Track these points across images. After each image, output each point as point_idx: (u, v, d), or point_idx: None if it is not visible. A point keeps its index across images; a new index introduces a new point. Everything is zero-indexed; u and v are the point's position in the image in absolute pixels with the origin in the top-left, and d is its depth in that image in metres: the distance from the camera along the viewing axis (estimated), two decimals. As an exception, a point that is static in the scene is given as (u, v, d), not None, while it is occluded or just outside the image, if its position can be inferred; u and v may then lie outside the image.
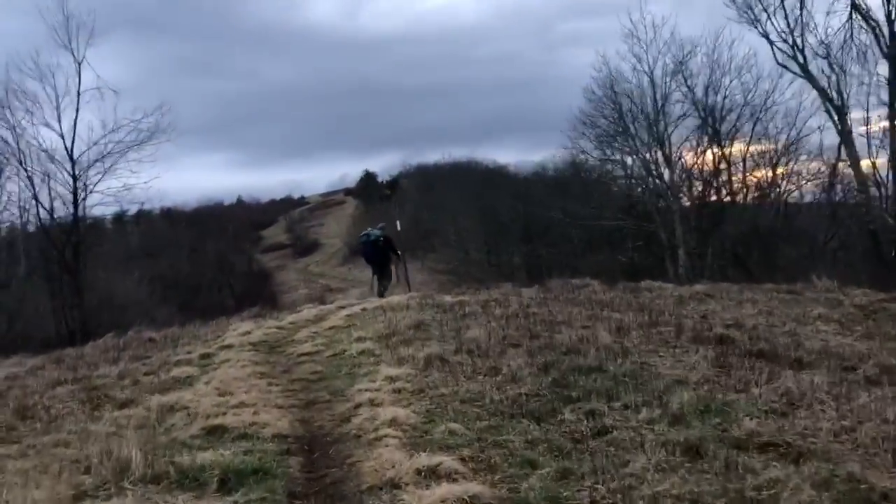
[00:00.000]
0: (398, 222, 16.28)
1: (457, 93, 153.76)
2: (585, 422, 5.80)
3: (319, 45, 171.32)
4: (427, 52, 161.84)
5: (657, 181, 34.01)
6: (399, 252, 17.62)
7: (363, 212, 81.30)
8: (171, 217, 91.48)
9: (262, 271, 71.87)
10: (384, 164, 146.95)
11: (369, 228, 17.30)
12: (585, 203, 39.00)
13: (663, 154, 32.33)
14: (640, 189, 37.86)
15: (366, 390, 7.19)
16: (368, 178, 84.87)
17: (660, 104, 31.92)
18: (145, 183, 22.88)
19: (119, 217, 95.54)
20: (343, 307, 15.77)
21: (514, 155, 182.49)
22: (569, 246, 41.72)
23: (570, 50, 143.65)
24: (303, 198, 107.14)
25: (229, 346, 10.87)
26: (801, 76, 27.69)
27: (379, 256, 17.08)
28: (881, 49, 25.26)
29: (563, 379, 6.93)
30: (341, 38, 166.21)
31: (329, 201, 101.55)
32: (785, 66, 28.15)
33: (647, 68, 32.06)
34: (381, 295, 16.46)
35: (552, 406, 6.15)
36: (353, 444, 5.87)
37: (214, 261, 68.15)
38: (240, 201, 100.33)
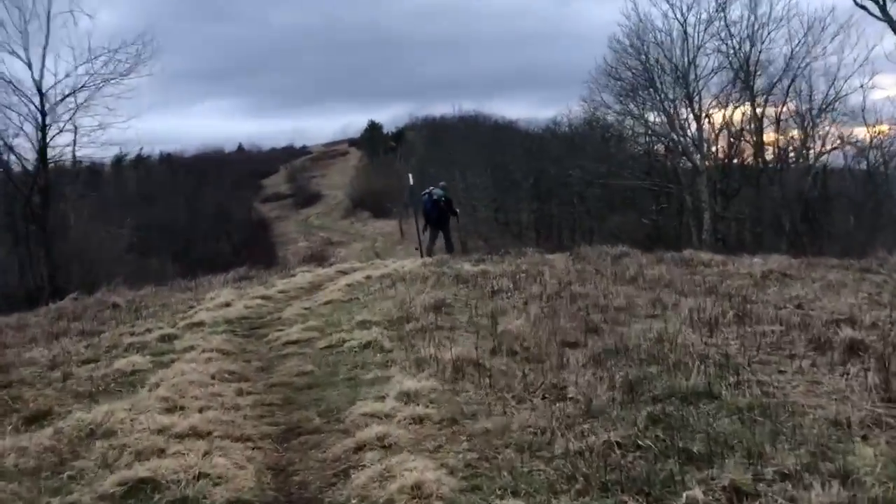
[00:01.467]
0: (410, 176, 13.94)
1: (467, 46, 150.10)
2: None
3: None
4: (438, 3, 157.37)
5: (682, 139, 31.50)
6: (458, 213, 17.06)
7: (367, 163, 78.68)
8: (171, 163, 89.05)
9: (261, 221, 69.53)
10: (390, 116, 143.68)
11: (431, 187, 16.52)
12: (602, 161, 36.59)
13: (692, 110, 29.77)
14: (662, 147, 35.40)
15: (372, 415, 4.95)
16: (373, 128, 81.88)
17: (691, 56, 29.26)
18: (123, 122, 20.14)
19: (118, 161, 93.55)
20: (343, 272, 13.56)
21: (524, 110, 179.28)
22: (583, 206, 39.33)
23: (584, 3, 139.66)
24: (305, 147, 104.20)
25: (199, 325, 8.62)
26: (880, 19, 24.84)
27: (440, 216, 16.40)
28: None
29: (664, 414, 4.67)
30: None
31: (332, 151, 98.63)
32: (864, 7, 25.25)
33: (679, 16, 29.34)
34: (430, 253, 16.00)
35: (667, 472, 3.90)
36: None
37: (213, 209, 65.73)
38: (241, 149, 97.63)
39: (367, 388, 5.69)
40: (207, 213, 65.03)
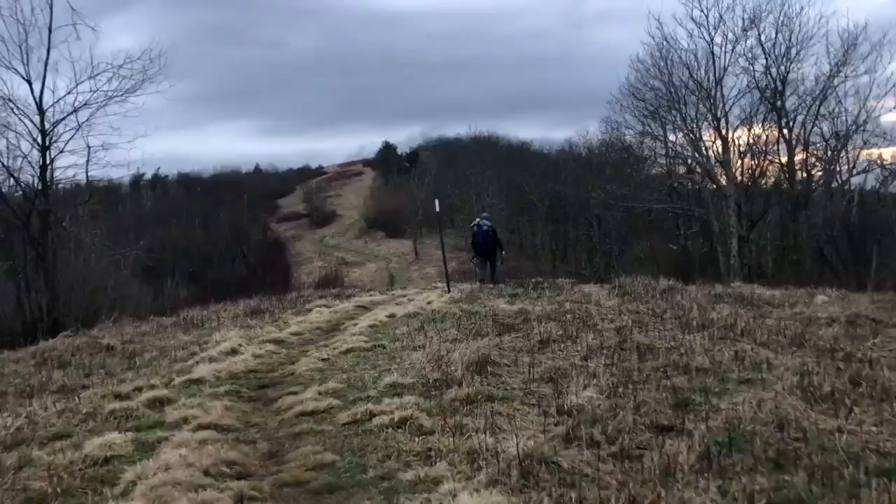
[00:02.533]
0: (437, 202, 12.42)
1: (480, 68, 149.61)
2: None
3: (348, 16, 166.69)
4: (453, 26, 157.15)
5: (706, 161, 29.94)
6: (501, 243, 17.18)
7: (381, 183, 77.54)
8: (188, 183, 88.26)
9: (277, 242, 68.24)
10: (404, 136, 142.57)
11: (478, 219, 16.68)
12: (622, 183, 35.11)
13: (718, 132, 28.21)
14: (684, 169, 33.86)
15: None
16: (388, 149, 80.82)
17: (718, 75, 27.74)
18: (129, 142, 18.62)
19: (136, 181, 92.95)
20: (363, 307, 12.08)
21: (536, 132, 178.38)
22: (602, 229, 37.76)
23: (598, 28, 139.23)
24: (321, 167, 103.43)
25: (198, 383, 7.13)
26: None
27: (490, 246, 16.45)
28: None
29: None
30: (369, 10, 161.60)
31: (347, 172, 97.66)
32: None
33: (706, 35, 27.85)
34: (487, 281, 15.93)
35: None
36: None
37: (229, 230, 64.55)
38: (257, 169, 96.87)
39: (408, 495, 4.17)
40: (224, 234, 63.86)
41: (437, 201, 11.83)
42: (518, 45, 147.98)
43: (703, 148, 29.97)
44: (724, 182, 28.25)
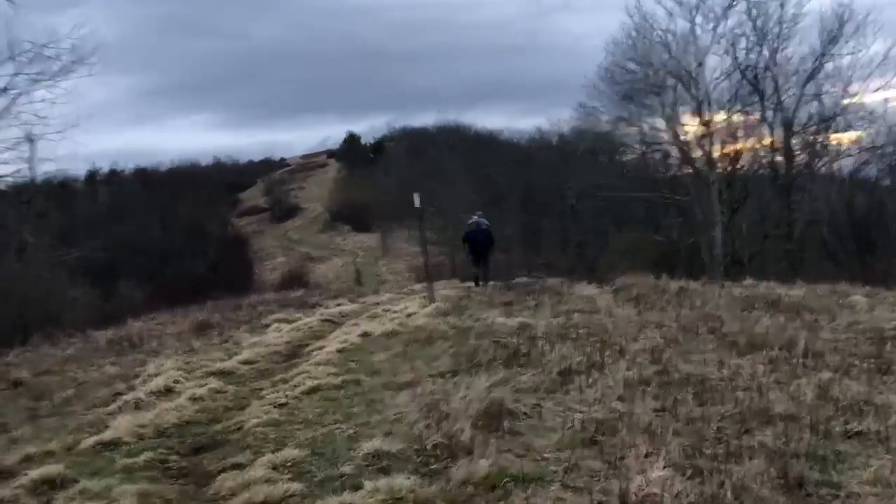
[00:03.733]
0: (417, 197, 10.55)
1: (445, 58, 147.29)
2: None
3: (311, 6, 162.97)
4: (418, 15, 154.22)
5: (686, 146, 28.49)
6: (494, 242, 16.99)
7: (346, 175, 75.27)
8: (145, 178, 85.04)
9: (238, 237, 65.63)
10: (368, 127, 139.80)
11: (475, 216, 16.48)
12: (598, 172, 33.61)
13: (699, 115, 26.73)
14: (660, 155, 32.43)
15: None
16: (352, 140, 78.35)
17: (701, 57, 26.22)
18: (58, 133, 16.23)
19: (91, 177, 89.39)
20: (331, 320, 10.27)
21: (503, 121, 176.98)
22: (577, 220, 36.27)
23: (561, 16, 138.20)
24: (283, 160, 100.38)
25: (112, 446, 5.27)
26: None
27: (487, 245, 16.12)
28: None
29: None
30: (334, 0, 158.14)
31: (310, 163, 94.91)
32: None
33: (687, 14, 26.29)
34: (483, 281, 15.50)
35: None
36: None
37: (188, 225, 61.91)
38: (217, 162, 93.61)
39: None
40: (182, 229, 61.19)
41: (416, 196, 10.03)
42: (483, 34, 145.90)
43: (683, 132, 28.56)
44: (705, 168, 26.81)
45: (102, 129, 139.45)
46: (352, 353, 7.71)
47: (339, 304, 12.15)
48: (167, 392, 6.69)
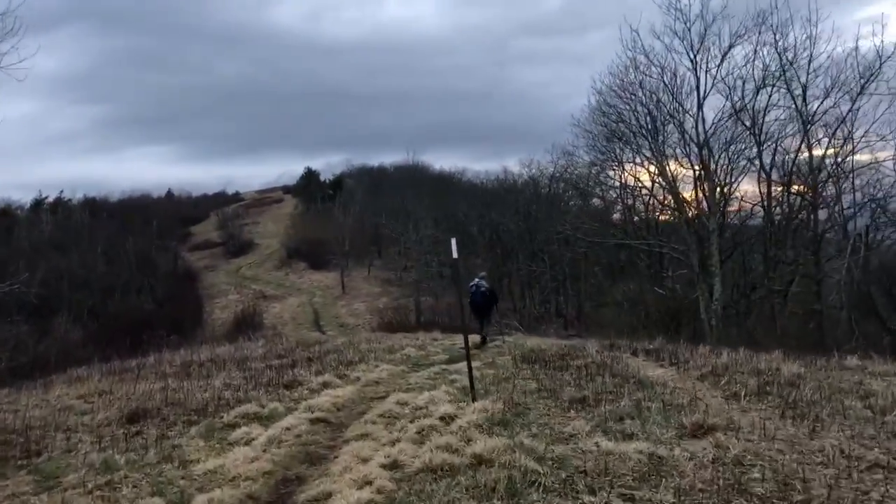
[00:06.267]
0: (454, 242, 7.21)
1: (406, 100, 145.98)
2: None
3: (279, 46, 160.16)
4: (384, 60, 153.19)
5: (677, 191, 25.99)
6: (498, 301, 17.50)
7: (303, 211, 71.59)
8: (94, 208, 79.88)
9: (188, 272, 61.07)
10: (325, 164, 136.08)
11: (476, 279, 16.44)
12: (576, 217, 30.89)
13: (700, 159, 24.21)
14: (645, 201, 29.91)
15: None
16: (310, 175, 74.69)
17: (703, 96, 23.78)
18: None
19: (37, 205, 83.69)
20: (327, 421, 6.92)
21: (461, 164, 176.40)
22: (556, 268, 33.39)
23: (521, 67, 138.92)
24: (237, 193, 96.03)
25: None
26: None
27: (487, 305, 16.24)
28: None
29: None
30: (302, 41, 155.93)
31: (266, 198, 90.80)
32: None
33: (689, 51, 23.86)
34: (484, 339, 15.91)
35: None
36: None
37: (135, 258, 57.23)
38: (169, 194, 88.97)
39: None
40: (129, 263, 56.51)
41: (453, 242, 6.87)
42: (446, 80, 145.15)
43: (672, 177, 26.05)
44: (705, 214, 24.25)
45: (59, 157, 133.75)
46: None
47: (325, 385, 8.75)
48: None
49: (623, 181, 30.15)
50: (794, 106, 23.14)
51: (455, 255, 7.28)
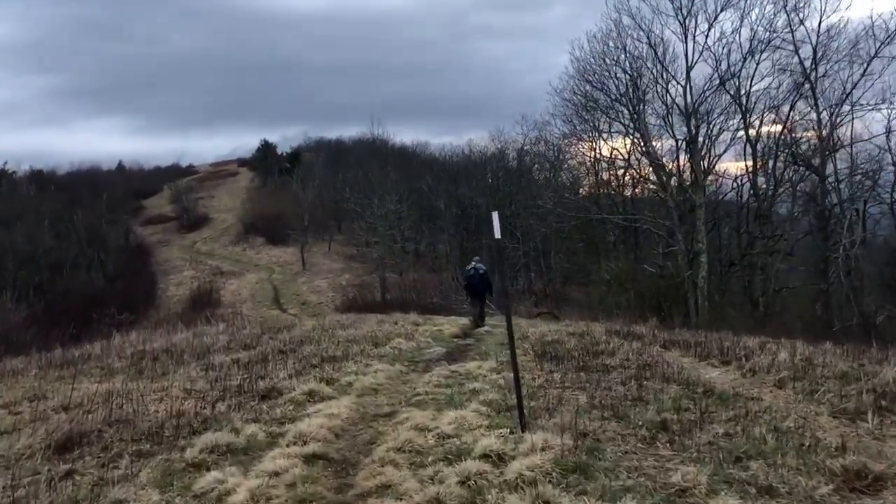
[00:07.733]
0: (495, 215, 5.59)
1: (365, 73, 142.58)
2: None
3: (236, 17, 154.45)
4: (344, 32, 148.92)
5: (661, 168, 24.55)
6: (491, 286, 16.90)
7: (260, 185, 68.73)
8: (40, 181, 75.54)
9: (140, 247, 58.08)
10: (282, 137, 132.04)
11: (473, 262, 16.24)
12: (549, 192, 29.30)
13: (689, 134, 22.77)
14: (628, 176, 28.44)
15: None
16: (267, 148, 71.64)
17: (691, 61, 22.27)
18: None
19: (-21, 177, 78.83)
20: (325, 458, 5.11)
21: (421, 137, 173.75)
22: (528, 244, 31.81)
23: (480, 42, 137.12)
24: (191, 166, 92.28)
25: None
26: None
27: (483, 288, 16.05)
28: None
29: None
30: (261, 11, 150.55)
31: (221, 171, 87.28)
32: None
33: (678, 13, 22.29)
34: (480, 322, 15.84)
35: None
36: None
37: (84, 232, 53.96)
38: (120, 167, 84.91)
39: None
40: (78, 238, 53.25)
41: (495, 216, 5.17)
42: (405, 53, 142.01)
43: (654, 149, 24.61)
44: (692, 189, 22.85)
45: (3, 128, 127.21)
46: None
47: (311, 396, 6.93)
48: None
49: (598, 153, 28.69)
50: (800, 70, 21.77)
51: (497, 234, 5.50)
